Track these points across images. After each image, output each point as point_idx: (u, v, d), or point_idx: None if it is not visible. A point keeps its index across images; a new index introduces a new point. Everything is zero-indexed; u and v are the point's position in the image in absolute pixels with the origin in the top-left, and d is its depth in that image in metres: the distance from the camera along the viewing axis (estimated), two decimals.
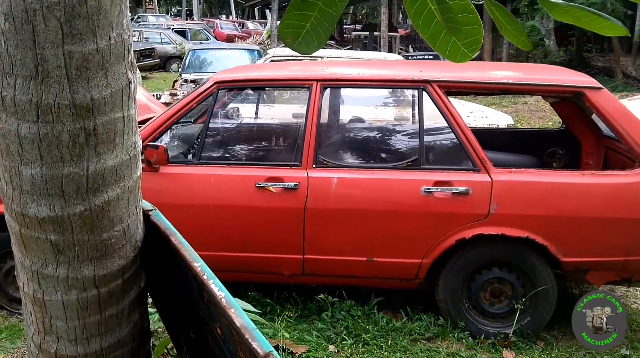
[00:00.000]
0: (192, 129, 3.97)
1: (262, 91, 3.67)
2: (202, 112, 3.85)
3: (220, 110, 4.04)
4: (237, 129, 3.77)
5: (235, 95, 4.18)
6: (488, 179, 3.25)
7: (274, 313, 3.49)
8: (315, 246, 3.38)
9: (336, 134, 3.76)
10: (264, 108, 5.19)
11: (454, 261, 3.36)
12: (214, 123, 3.66)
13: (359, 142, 3.76)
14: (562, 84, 3.39)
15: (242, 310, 1.23)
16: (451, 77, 3.42)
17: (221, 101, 3.86)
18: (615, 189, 3.22)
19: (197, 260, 1.40)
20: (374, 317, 3.46)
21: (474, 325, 3.42)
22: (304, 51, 0.92)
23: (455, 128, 3.31)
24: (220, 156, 3.53)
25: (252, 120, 3.81)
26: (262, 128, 3.82)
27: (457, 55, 0.92)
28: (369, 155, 3.57)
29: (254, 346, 1.08)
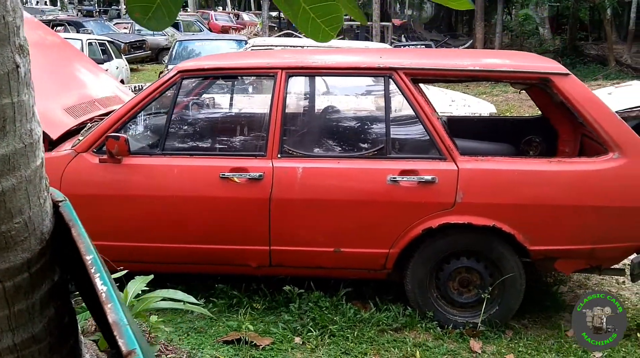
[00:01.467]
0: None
1: (229, 79, 3.62)
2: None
3: (192, 99, 3.98)
4: (202, 118, 3.72)
5: (208, 85, 4.13)
6: (454, 167, 3.21)
7: (241, 306, 3.46)
8: (281, 238, 3.34)
9: (302, 123, 3.71)
10: (241, 98, 5.14)
11: (421, 251, 3.33)
12: (178, 113, 3.61)
13: (325, 131, 3.71)
14: (528, 71, 3.34)
15: (120, 305, 1.16)
16: (417, 64, 3.37)
17: (189, 90, 3.81)
18: (582, 177, 3.18)
19: (90, 253, 1.35)
20: (342, 308, 3.42)
21: (442, 314, 3.39)
22: (155, 27, 0.87)
23: (421, 116, 3.26)
24: (184, 147, 3.48)
25: (218, 109, 3.76)
26: (228, 118, 3.77)
27: (319, 34, 0.87)
28: (335, 144, 3.52)
29: (120, 343, 1.03)
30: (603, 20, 16.93)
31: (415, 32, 21.59)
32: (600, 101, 3.25)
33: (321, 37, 0.89)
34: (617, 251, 3.26)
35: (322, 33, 0.88)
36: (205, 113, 3.71)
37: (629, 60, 18.28)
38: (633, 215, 3.17)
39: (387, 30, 18.14)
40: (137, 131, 3.52)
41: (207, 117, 3.72)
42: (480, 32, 16.83)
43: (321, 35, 0.88)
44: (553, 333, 3.41)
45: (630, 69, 17.07)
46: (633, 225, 3.19)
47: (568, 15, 20.07)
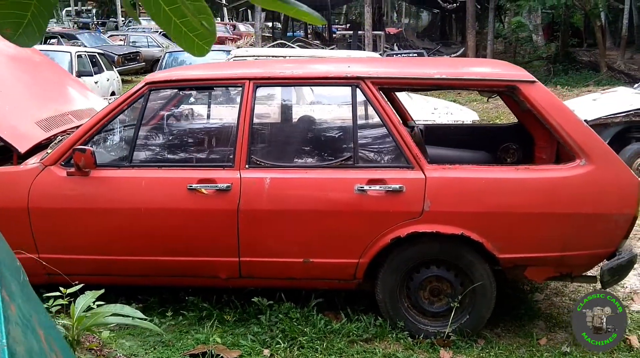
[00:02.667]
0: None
1: (196, 90, 3.62)
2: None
3: (168, 111, 3.97)
4: (171, 130, 3.71)
5: (186, 96, 4.13)
6: (422, 176, 3.20)
7: (211, 318, 3.44)
8: (250, 249, 3.32)
9: (270, 133, 3.71)
10: (223, 109, 5.13)
11: (391, 261, 3.31)
12: (146, 124, 3.60)
13: (293, 141, 3.70)
14: (494, 79, 3.34)
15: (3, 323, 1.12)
16: (384, 73, 3.37)
17: (166, 101, 3.80)
18: (549, 184, 3.17)
19: None
20: (313, 319, 3.40)
21: (413, 324, 3.36)
22: (26, 43, 0.86)
23: (389, 125, 3.26)
24: (152, 158, 3.47)
25: (187, 121, 3.76)
26: (197, 129, 3.77)
27: (194, 47, 0.87)
28: (303, 154, 3.51)
29: None
30: (594, 27, 16.95)
31: (408, 40, 21.65)
32: (566, 108, 3.24)
33: (196, 51, 0.88)
34: (587, 259, 3.24)
35: (197, 47, 0.87)
36: (175, 124, 3.71)
37: (622, 66, 18.30)
38: (601, 222, 3.16)
39: (379, 39, 18.18)
40: (105, 143, 3.51)
41: (176, 128, 3.72)
42: (472, 39, 16.87)
43: (196, 49, 0.87)
44: (525, 342, 3.39)
45: (623, 75, 17.09)
46: (602, 232, 3.18)
47: (558, 23, 20.13)
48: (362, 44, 17.85)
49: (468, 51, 16.89)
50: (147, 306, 3.57)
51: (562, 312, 3.77)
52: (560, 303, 3.90)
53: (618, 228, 3.15)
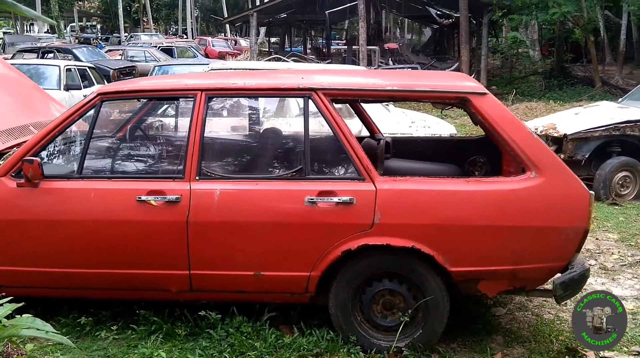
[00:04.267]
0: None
1: (148, 101, 3.60)
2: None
3: (134, 123, 3.94)
4: (122, 141, 3.69)
5: (152, 107, 4.10)
6: (372, 188, 3.16)
7: (161, 332, 3.38)
8: (201, 262, 3.28)
9: (222, 144, 3.68)
10: (173, 120, 5.05)
11: (343, 274, 3.27)
12: (97, 135, 3.58)
13: (244, 152, 3.67)
14: (445, 90, 3.31)
15: None
16: (336, 84, 3.35)
17: (107, 113, 3.77)
18: (500, 197, 3.13)
19: None
20: (264, 333, 3.35)
21: (366, 339, 3.31)
22: None
23: (340, 137, 3.23)
24: (102, 170, 3.45)
25: (138, 131, 3.74)
26: (148, 140, 3.75)
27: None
28: (255, 166, 3.49)
29: None
30: (588, 42, 16.98)
31: (403, 55, 21.71)
32: (517, 120, 3.21)
33: None
34: (540, 272, 3.19)
35: None
36: (127, 135, 3.69)
37: (620, 81, 18.25)
38: (552, 235, 3.11)
39: (374, 54, 18.24)
40: (56, 154, 3.49)
41: (128, 139, 3.70)
42: (466, 55, 16.88)
43: None
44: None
45: (619, 90, 17.04)
46: (553, 245, 3.13)
47: (553, 38, 20.17)
48: (357, 59, 17.89)
49: (462, 65, 16.90)
50: (98, 320, 3.53)
51: (522, 327, 3.71)
52: (523, 317, 3.84)
53: (569, 241, 3.11)
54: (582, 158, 6.71)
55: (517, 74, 21.27)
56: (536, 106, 13.39)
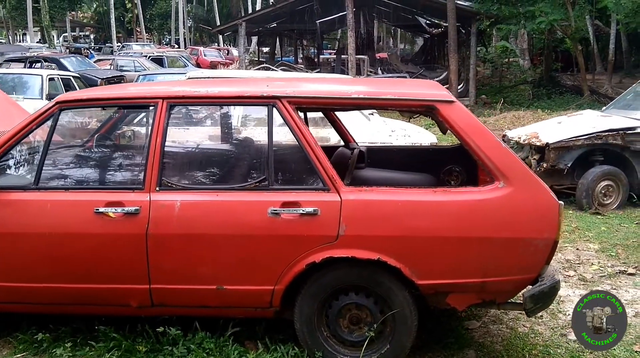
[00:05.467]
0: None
1: (108, 110, 3.51)
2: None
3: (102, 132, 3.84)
4: (80, 150, 3.59)
5: (121, 117, 4.00)
6: (337, 198, 3.07)
7: (119, 349, 3.27)
8: (161, 275, 3.18)
9: (183, 154, 3.58)
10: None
11: (308, 287, 3.16)
12: (55, 145, 3.48)
13: (207, 162, 3.57)
14: (412, 98, 3.23)
15: None
16: (301, 92, 3.26)
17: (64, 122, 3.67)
18: (467, 207, 3.04)
19: None
20: (227, 350, 3.24)
21: (332, 354, 3.20)
22: None
23: (304, 146, 3.14)
24: (60, 180, 3.34)
25: (97, 141, 3.64)
26: (107, 149, 3.65)
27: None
28: (218, 176, 3.39)
29: None
30: (576, 51, 17.01)
31: (392, 64, 21.70)
32: (485, 129, 3.13)
33: None
34: (509, 285, 3.10)
35: None
36: (85, 145, 3.59)
37: (610, 90, 18.25)
38: (521, 246, 3.02)
39: (363, 63, 18.22)
40: (12, 164, 3.38)
41: (86, 149, 3.60)
42: (454, 64, 16.86)
43: None
44: None
45: (607, 99, 17.02)
46: (522, 257, 3.03)
47: (542, 47, 20.22)
48: (346, 68, 17.87)
49: (450, 74, 16.89)
50: (57, 336, 3.42)
51: (495, 341, 3.61)
52: (497, 331, 3.75)
53: (539, 252, 3.02)
54: (565, 166, 6.64)
55: (506, 83, 21.31)
56: (523, 115, 13.36)
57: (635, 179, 6.65)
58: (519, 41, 24.74)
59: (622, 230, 5.80)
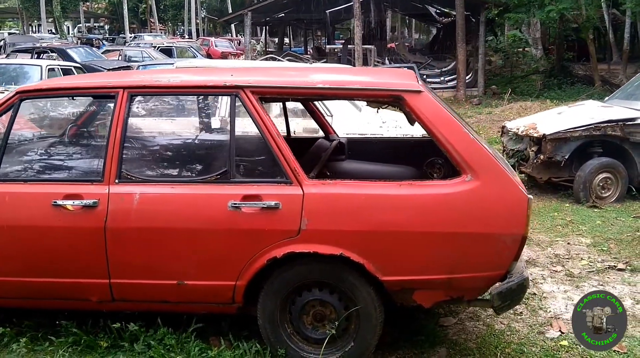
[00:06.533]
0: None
1: (69, 100, 3.44)
2: None
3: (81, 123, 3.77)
4: (40, 142, 3.52)
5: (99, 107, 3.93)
6: (299, 192, 2.97)
7: (81, 344, 3.21)
8: (120, 270, 3.10)
9: (144, 145, 3.49)
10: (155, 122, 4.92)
11: (270, 283, 3.08)
12: (15, 136, 3.41)
13: (168, 154, 3.48)
14: (378, 88, 3.11)
15: None
16: (264, 82, 3.15)
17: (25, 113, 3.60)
18: (433, 201, 2.92)
19: None
20: (188, 346, 3.17)
21: (296, 352, 3.12)
22: None
23: (267, 138, 3.04)
24: (18, 172, 3.27)
25: (57, 132, 3.57)
26: (67, 140, 3.57)
27: None
28: (178, 168, 3.30)
29: None
30: (587, 40, 16.65)
31: (399, 55, 21.44)
32: (453, 120, 3.00)
33: None
34: (477, 281, 2.98)
35: None
36: (45, 136, 3.52)
37: (624, 81, 17.82)
38: (488, 242, 2.90)
39: (369, 53, 18.01)
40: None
41: (46, 140, 3.53)
42: (462, 53, 16.57)
43: None
44: None
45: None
46: (490, 253, 2.92)
47: (554, 37, 19.85)
48: (353, 58, 17.68)
49: (459, 64, 16.64)
50: (20, 331, 3.36)
51: (470, 338, 3.50)
52: (473, 328, 3.64)
53: (507, 248, 2.89)
54: (562, 158, 6.47)
55: (518, 73, 20.95)
56: (531, 106, 13.09)
57: (634, 172, 6.46)
58: (532, 30, 24.32)
59: (618, 224, 5.63)
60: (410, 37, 43.17)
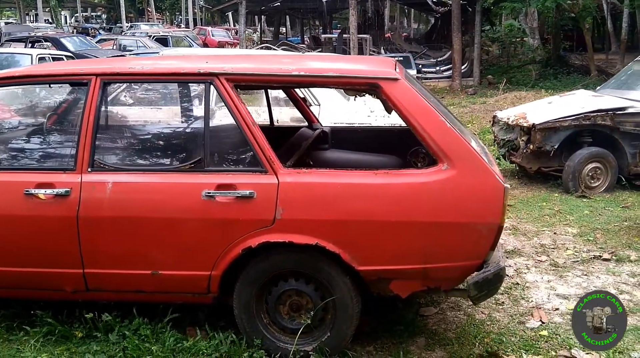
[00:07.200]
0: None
1: (41, 87, 3.40)
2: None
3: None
4: (12, 130, 3.48)
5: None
6: (275, 181, 2.93)
7: (54, 335, 3.18)
8: (94, 259, 3.07)
9: (118, 133, 3.45)
10: (143, 110, 4.88)
11: (245, 273, 3.05)
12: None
13: (142, 142, 3.44)
14: (355, 76, 3.06)
15: None
16: (239, 69, 3.10)
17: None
18: (408, 190, 2.88)
19: None
20: (163, 336, 3.14)
21: (272, 342, 3.09)
22: None
23: (242, 126, 2.99)
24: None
25: (30, 120, 3.52)
26: (39, 129, 3.53)
27: None
28: (152, 157, 3.26)
29: None
30: (583, 30, 16.57)
31: (394, 44, 21.32)
32: (430, 108, 2.95)
33: None
34: (453, 271, 2.94)
35: None
36: (17, 124, 3.48)
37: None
38: (464, 231, 2.86)
39: (365, 42, 17.90)
40: None
41: (18, 128, 3.48)
42: (458, 43, 16.48)
43: None
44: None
45: None
46: (466, 242, 2.88)
47: (550, 25, 19.73)
48: (348, 48, 17.59)
49: (454, 54, 16.55)
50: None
51: (449, 328, 3.48)
52: (453, 318, 3.61)
53: (483, 238, 2.86)
54: (552, 148, 6.42)
55: (515, 63, 20.83)
56: (525, 96, 13.01)
57: (624, 162, 6.42)
58: (529, 20, 24.18)
59: (606, 214, 5.60)
60: (409, 27, 42.97)
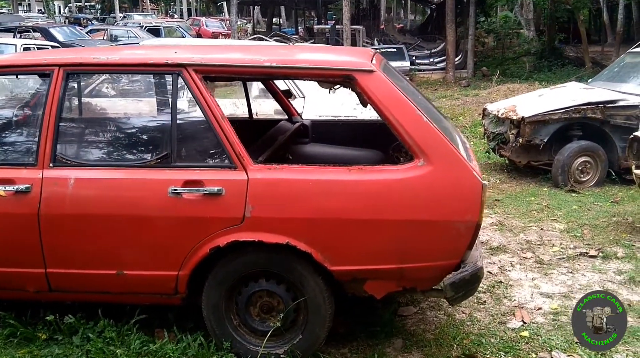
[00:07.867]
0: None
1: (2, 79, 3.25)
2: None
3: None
4: None
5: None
6: (244, 177, 2.80)
7: (18, 337, 3.06)
8: (57, 259, 2.95)
9: (81, 127, 3.31)
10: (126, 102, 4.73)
11: (214, 273, 2.92)
12: None
13: (106, 136, 3.30)
14: (329, 67, 2.92)
15: None
16: (208, 60, 2.96)
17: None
18: (383, 187, 2.76)
19: None
20: (129, 339, 3.02)
21: (242, 345, 2.97)
22: None
23: (211, 120, 2.86)
24: None
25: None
26: (1, 123, 3.39)
27: None
28: (117, 151, 3.13)
29: None
30: (577, 22, 16.44)
31: (388, 35, 21.14)
32: (406, 102, 2.81)
33: None
34: (430, 271, 2.82)
35: None
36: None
37: None
38: (441, 230, 2.74)
39: (358, 33, 17.72)
40: None
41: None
42: (452, 34, 16.33)
43: None
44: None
45: None
46: (443, 241, 2.76)
47: (545, 17, 19.58)
48: (341, 39, 17.41)
49: (448, 45, 16.40)
50: None
51: (428, 329, 3.37)
52: (433, 318, 3.50)
53: (460, 236, 2.74)
54: (541, 142, 6.31)
55: (510, 54, 20.69)
56: (518, 88, 12.88)
57: (615, 156, 6.31)
58: (524, 11, 24.03)
59: (594, 209, 5.50)
60: (405, 19, 42.75)
